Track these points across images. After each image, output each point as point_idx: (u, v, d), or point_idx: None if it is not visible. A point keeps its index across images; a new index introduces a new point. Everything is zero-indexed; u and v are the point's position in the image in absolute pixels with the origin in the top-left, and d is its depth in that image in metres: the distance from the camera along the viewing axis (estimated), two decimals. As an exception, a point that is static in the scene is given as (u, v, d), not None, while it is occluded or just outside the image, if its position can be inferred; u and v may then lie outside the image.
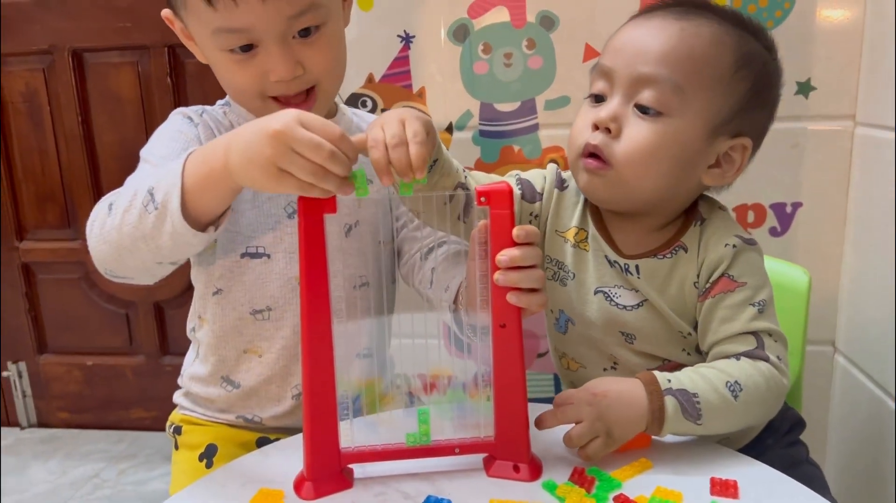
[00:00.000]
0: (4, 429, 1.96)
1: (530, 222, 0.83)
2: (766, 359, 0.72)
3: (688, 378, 0.70)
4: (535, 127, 1.21)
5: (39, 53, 1.73)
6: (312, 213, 0.61)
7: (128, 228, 0.66)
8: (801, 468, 0.84)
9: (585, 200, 0.82)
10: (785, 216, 1.20)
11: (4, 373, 1.95)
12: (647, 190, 0.74)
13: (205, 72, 0.87)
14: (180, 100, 1.72)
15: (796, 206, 1.19)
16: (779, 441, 0.86)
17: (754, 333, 0.73)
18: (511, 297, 0.64)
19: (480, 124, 1.22)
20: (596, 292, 0.79)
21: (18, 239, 1.87)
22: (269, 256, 0.83)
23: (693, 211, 0.80)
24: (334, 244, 0.63)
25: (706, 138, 0.74)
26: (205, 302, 0.86)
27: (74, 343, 1.92)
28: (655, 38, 0.72)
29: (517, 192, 0.83)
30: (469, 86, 1.21)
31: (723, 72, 0.72)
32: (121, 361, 1.91)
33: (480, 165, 1.24)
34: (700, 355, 0.78)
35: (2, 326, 1.93)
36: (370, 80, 1.23)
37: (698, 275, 0.76)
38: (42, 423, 1.98)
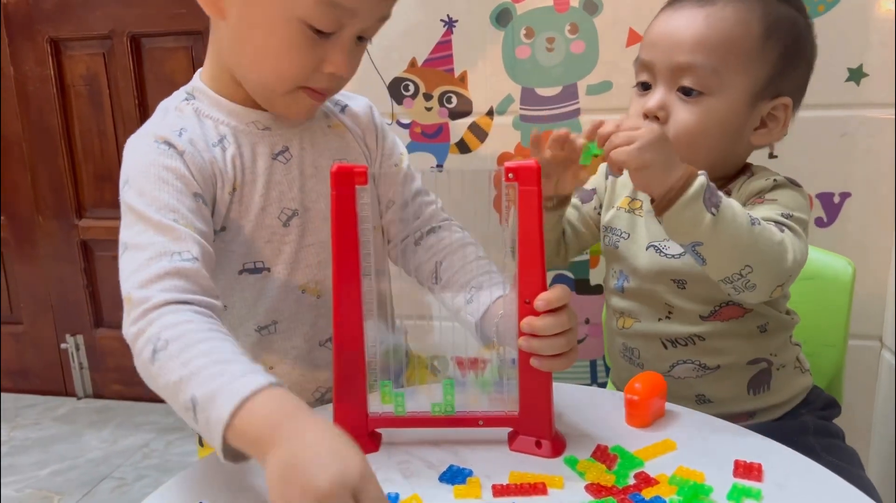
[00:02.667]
0: (62, 399, 2.06)
1: (598, 214, 0.94)
2: (786, 230, 0.73)
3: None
4: (577, 112, 1.21)
5: (100, 38, 1.80)
6: (345, 183, 0.62)
7: (168, 399, 0.62)
8: (835, 442, 0.86)
9: None
10: (832, 206, 1.17)
11: (63, 346, 2.04)
12: (700, 164, 0.75)
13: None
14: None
15: (844, 196, 1.16)
16: (812, 412, 0.88)
17: (777, 222, 0.74)
18: (534, 362, 0.64)
19: (521, 109, 1.23)
20: (648, 247, 0.86)
21: (78, 217, 1.95)
22: (269, 270, 0.79)
23: (745, 169, 0.85)
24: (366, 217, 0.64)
25: (748, 106, 0.79)
26: None
27: (128, 318, 2.00)
28: (685, 28, 0.78)
29: (575, 200, 0.94)
30: (511, 70, 1.22)
31: (753, 45, 0.78)
32: (171, 337, 1.97)
33: (521, 150, 1.24)
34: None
35: (62, 301, 2.02)
36: (412, 64, 1.24)
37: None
38: (97, 394, 2.06)
